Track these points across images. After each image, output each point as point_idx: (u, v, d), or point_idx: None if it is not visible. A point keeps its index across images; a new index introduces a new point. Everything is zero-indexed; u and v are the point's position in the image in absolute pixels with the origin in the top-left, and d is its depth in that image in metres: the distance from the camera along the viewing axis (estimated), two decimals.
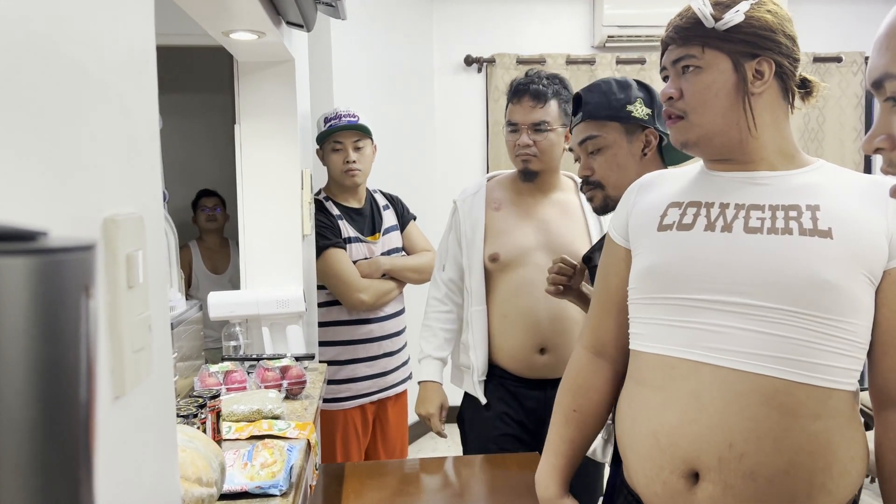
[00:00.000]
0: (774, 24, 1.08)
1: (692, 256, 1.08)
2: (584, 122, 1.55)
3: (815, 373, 1.00)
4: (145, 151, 0.71)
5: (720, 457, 1.01)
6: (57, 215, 0.52)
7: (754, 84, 1.07)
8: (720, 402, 1.01)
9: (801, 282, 0.99)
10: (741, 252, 1.04)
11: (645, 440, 1.08)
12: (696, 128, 1.10)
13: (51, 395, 0.27)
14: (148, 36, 0.73)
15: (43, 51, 0.50)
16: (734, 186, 1.10)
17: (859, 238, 1.00)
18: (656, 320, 1.11)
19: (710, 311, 1.04)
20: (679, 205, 1.13)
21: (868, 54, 4.24)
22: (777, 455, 0.99)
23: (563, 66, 4.22)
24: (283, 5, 1.70)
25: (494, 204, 2.00)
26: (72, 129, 0.54)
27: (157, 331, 0.69)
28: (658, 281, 1.11)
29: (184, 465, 1.01)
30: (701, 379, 1.03)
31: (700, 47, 1.08)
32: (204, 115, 3.81)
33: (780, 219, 1.04)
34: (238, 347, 2.05)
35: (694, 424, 1.03)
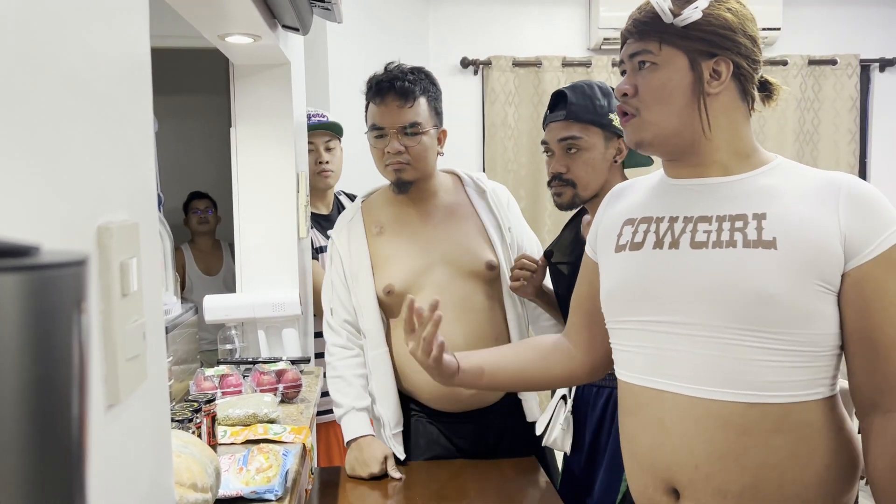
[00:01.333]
0: (734, 23, 1.04)
1: (644, 276, 1.07)
2: (567, 121, 1.57)
3: (767, 391, 0.99)
4: (140, 158, 0.71)
5: (689, 477, 1.04)
6: (50, 223, 0.52)
7: (711, 84, 1.04)
8: (681, 428, 1.03)
9: (746, 297, 0.97)
10: (687, 269, 1.03)
11: (630, 461, 1.14)
12: (650, 126, 1.07)
13: (42, 412, 0.27)
14: (142, 43, 0.73)
15: (36, 58, 0.50)
16: (686, 196, 1.09)
17: (807, 245, 0.97)
18: (621, 346, 1.13)
19: (663, 335, 1.05)
20: (632, 222, 1.13)
21: (863, 57, 4.26)
22: (741, 472, 1.00)
23: (558, 69, 4.22)
24: (278, 9, 1.70)
25: (375, 228, 1.77)
26: (65, 137, 0.54)
27: (151, 338, 0.69)
28: (616, 305, 1.12)
29: (179, 470, 1.01)
30: (663, 406, 1.05)
31: (657, 43, 1.05)
32: (200, 117, 3.81)
33: (725, 231, 1.02)
34: (234, 351, 2.05)
35: (663, 448, 1.06)
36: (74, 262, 0.29)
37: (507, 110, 4.25)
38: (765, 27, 4.06)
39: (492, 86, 4.23)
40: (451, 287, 1.70)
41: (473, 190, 1.85)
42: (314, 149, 2.34)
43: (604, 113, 1.56)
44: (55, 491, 0.28)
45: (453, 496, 1.61)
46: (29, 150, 0.49)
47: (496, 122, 4.25)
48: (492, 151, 4.27)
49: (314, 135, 2.34)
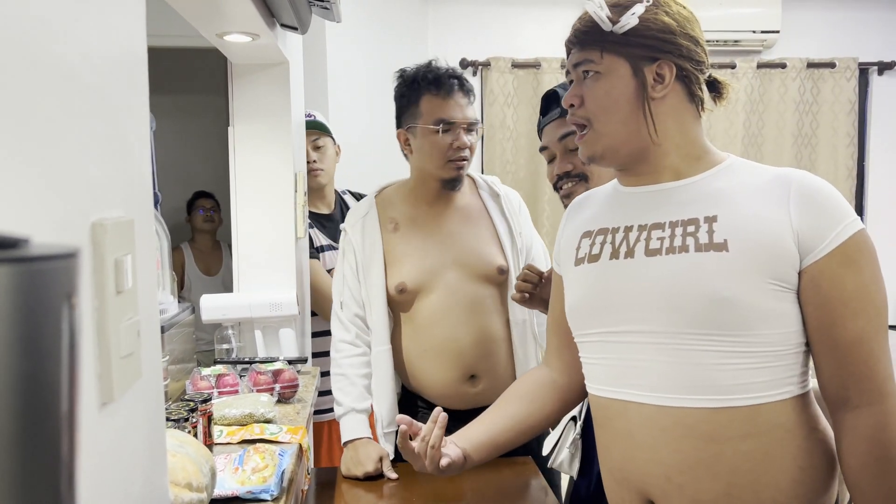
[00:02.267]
0: (673, 27, 1.03)
1: (602, 287, 1.07)
2: (562, 119, 1.48)
3: (731, 394, 0.97)
4: (135, 155, 0.71)
5: (663, 489, 1.03)
6: (43, 220, 0.51)
7: (655, 89, 1.03)
8: (650, 439, 1.02)
9: (701, 302, 0.97)
10: (643, 277, 1.02)
11: (606, 476, 1.13)
12: (601, 138, 1.06)
13: (30, 407, 0.27)
14: (139, 39, 0.72)
15: (31, 53, 0.49)
16: (639, 204, 1.08)
17: (759, 245, 0.96)
18: (587, 359, 1.13)
19: (625, 345, 1.04)
20: (590, 234, 1.12)
21: (862, 60, 4.26)
22: (714, 481, 0.99)
23: (557, 70, 4.22)
24: (277, 8, 1.69)
25: (390, 224, 1.76)
26: (59, 133, 0.54)
27: (146, 336, 0.68)
28: (579, 319, 1.12)
29: (174, 469, 1.00)
30: (630, 417, 1.04)
31: (598, 52, 1.04)
32: (198, 116, 3.80)
33: (678, 236, 1.01)
34: (230, 350, 2.04)
35: (634, 461, 1.05)
36: (64, 254, 0.29)
37: (505, 112, 4.25)
38: (764, 30, 4.06)
39: (491, 87, 4.23)
40: (462, 289, 1.71)
41: (487, 193, 1.84)
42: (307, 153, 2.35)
43: None
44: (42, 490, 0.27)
45: (450, 496, 1.61)
46: (23, 145, 0.48)
47: (495, 123, 4.25)
48: (490, 153, 4.27)
49: None
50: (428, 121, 1.68)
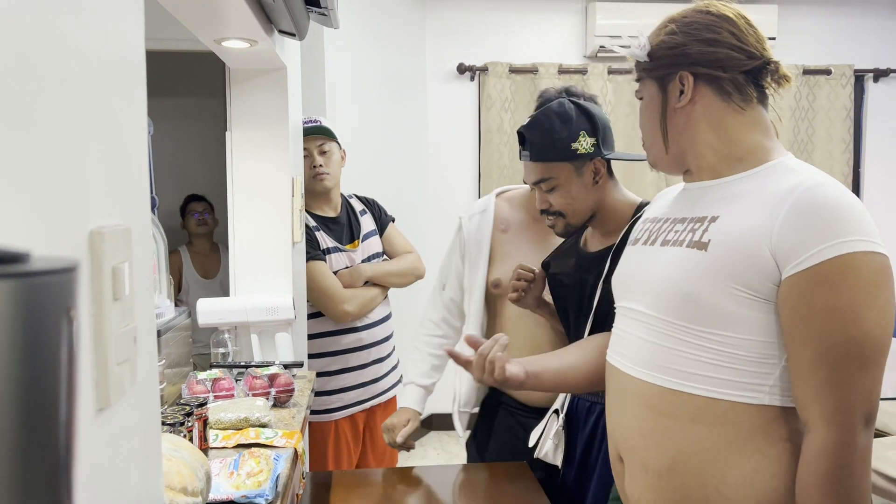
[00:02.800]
0: (678, 40, 1.12)
1: (627, 268, 1.21)
2: (533, 163, 1.54)
3: (685, 380, 1.04)
4: (133, 162, 0.72)
5: (624, 448, 1.15)
6: (41, 228, 0.52)
7: (679, 100, 1.11)
8: (619, 402, 1.15)
9: (670, 292, 1.05)
10: (646, 263, 1.14)
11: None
12: (649, 150, 1.20)
13: (29, 418, 0.27)
14: (137, 45, 0.73)
15: (28, 60, 0.50)
16: (683, 199, 1.17)
17: (734, 251, 0.98)
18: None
19: (625, 319, 1.17)
20: (645, 221, 1.25)
21: (858, 67, 4.29)
22: (661, 452, 1.07)
23: (555, 76, 4.24)
24: (275, 14, 1.70)
25: (502, 225, 1.90)
26: (57, 140, 0.55)
27: (142, 342, 0.69)
28: (613, 292, 1.26)
29: (169, 474, 1.01)
30: (611, 380, 1.19)
31: (640, 80, 1.18)
32: (196, 119, 3.81)
33: (685, 231, 1.09)
34: (226, 354, 2.05)
35: (610, 420, 1.20)
36: (64, 268, 0.30)
37: (503, 116, 4.26)
38: None
39: (488, 92, 4.24)
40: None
41: None
42: (308, 153, 2.36)
43: (565, 146, 1.50)
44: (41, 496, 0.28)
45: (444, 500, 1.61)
46: (20, 153, 0.49)
47: (492, 127, 4.26)
48: (487, 157, 4.28)
49: (307, 139, 2.36)
50: None
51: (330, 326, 2.36)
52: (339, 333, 2.36)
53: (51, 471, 0.29)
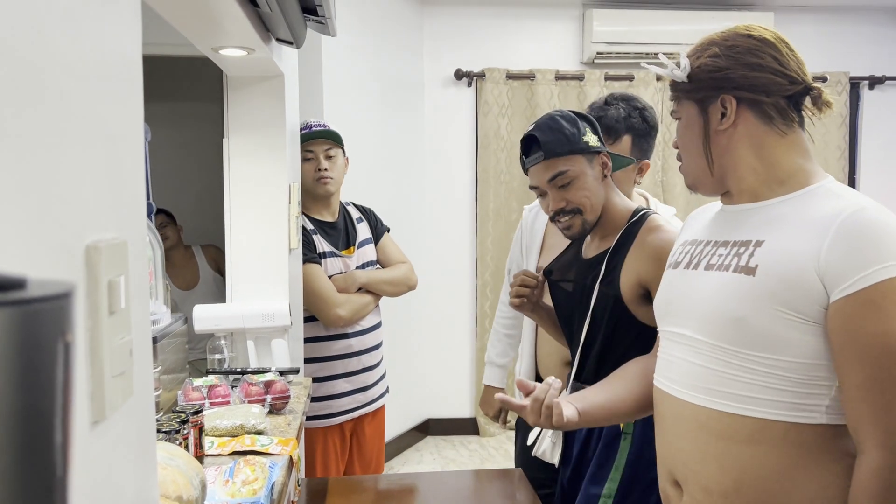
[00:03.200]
0: (720, 64, 1.12)
1: (672, 292, 1.20)
2: (546, 161, 1.56)
3: (739, 403, 1.04)
4: (129, 174, 0.72)
5: (683, 473, 1.13)
6: (37, 244, 0.52)
7: (721, 122, 1.12)
8: (673, 427, 1.14)
9: (720, 317, 1.06)
10: (693, 288, 1.13)
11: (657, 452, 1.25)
12: (687, 172, 1.21)
13: (25, 444, 0.28)
14: (135, 58, 0.74)
15: (24, 75, 0.51)
16: (723, 222, 1.17)
17: (782, 276, 1.00)
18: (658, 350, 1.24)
19: (672, 343, 1.17)
20: (684, 244, 1.24)
21: (853, 74, 4.31)
22: (722, 474, 1.07)
23: (552, 82, 4.25)
24: (272, 23, 1.71)
25: None
26: (54, 156, 0.55)
27: (138, 354, 0.69)
28: (657, 315, 1.25)
29: (164, 483, 1.01)
30: (663, 405, 1.17)
31: (677, 100, 1.19)
32: (192, 123, 3.81)
33: (730, 255, 1.09)
34: (222, 361, 2.05)
35: (663, 445, 1.18)
36: (60, 294, 0.30)
37: (500, 122, 4.28)
38: None
39: (485, 98, 4.25)
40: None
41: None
42: (314, 157, 2.36)
43: (576, 139, 1.56)
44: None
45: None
46: (17, 168, 0.49)
47: (489, 133, 4.28)
48: (484, 162, 4.29)
49: (314, 143, 2.36)
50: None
51: (321, 331, 2.36)
52: (330, 339, 2.36)
53: (46, 493, 0.30)
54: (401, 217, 4.01)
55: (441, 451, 4.20)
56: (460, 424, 4.37)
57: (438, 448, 4.24)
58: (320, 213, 2.42)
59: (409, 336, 4.13)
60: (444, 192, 4.35)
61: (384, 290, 2.47)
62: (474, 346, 4.38)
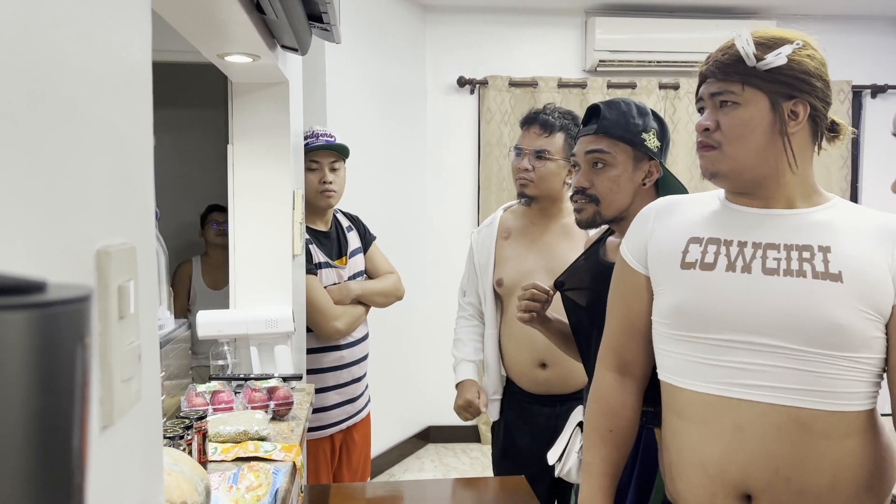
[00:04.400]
0: (813, 69, 1.13)
1: (717, 297, 1.14)
2: (596, 135, 1.53)
3: (838, 400, 1.08)
4: (138, 180, 0.72)
5: (769, 481, 1.10)
6: (50, 248, 0.53)
7: (789, 124, 1.12)
8: (761, 433, 1.10)
9: (817, 325, 1.07)
10: (761, 294, 1.11)
11: (693, 470, 1.16)
12: (728, 160, 1.14)
13: (45, 445, 0.28)
14: (144, 65, 0.74)
15: (35, 81, 0.51)
16: (752, 223, 1.16)
17: (865, 280, 1.06)
18: (688, 357, 1.17)
19: (739, 350, 1.12)
20: (699, 241, 1.18)
21: (855, 83, 4.31)
22: (821, 474, 1.09)
23: (554, 90, 4.26)
24: (277, 30, 1.72)
25: (504, 233, 2.15)
26: (65, 163, 0.55)
27: (146, 359, 0.70)
28: (686, 320, 1.17)
29: (169, 488, 1.01)
30: (741, 414, 1.11)
31: (740, 84, 1.12)
32: (196, 130, 3.82)
33: (794, 260, 1.10)
34: (226, 367, 2.05)
35: (740, 454, 1.11)
36: (79, 298, 0.30)
37: (502, 129, 4.28)
38: None
39: (488, 105, 4.26)
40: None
41: None
42: (319, 168, 2.35)
43: (636, 131, 1.52)
44: None
45: None
46: (29, 174, 0.50)
47: (491, 140, 4.28)
48: (487, 170, 4.29)
49: (320, 154, 2.35)
50: (512, 148, 2.14)
51: (313, 343, 2.35)
52: (322, 351, 2.35)
53: (65, 496, 0.30)
54: (402, 225, 4.01)
55: (442, 458, 4.18)
56: (461, 432, 4.35)
57: (440, 455, 4.23)
58: (314, 222, 2.41)
59: (410, 344, 4.12)
60: (446, 200, 4.35)
61: (376, 302, 2.46)
62: None
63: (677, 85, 4.31)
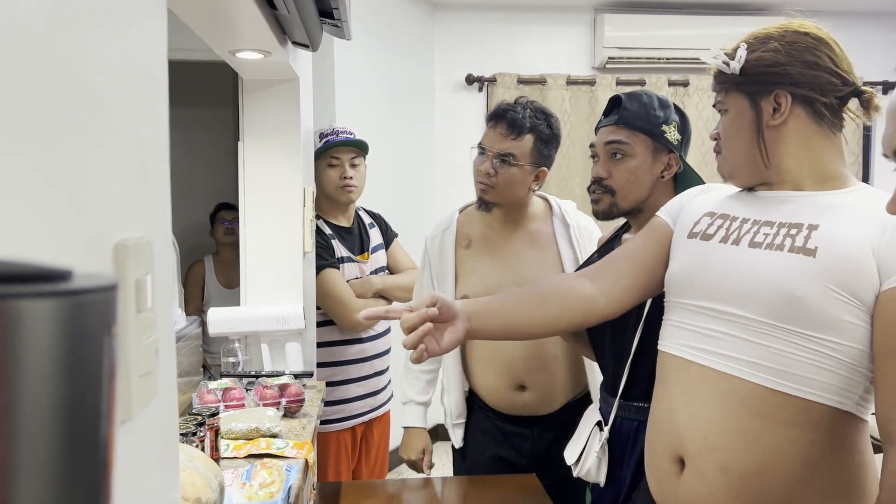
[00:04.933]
0: (780, 59, 1.12)
1: (703, 266, 1.17)
2: (616, 126, 1.53)
3: (788, 381, 1.04)
4: (155, 175, 0.72)
5: (698, 447, 1.10)
6: (69, 241, 0.52)
7: (773, 117, 1.13)
8: (701, 398, 1.11)
9: (776, 296, 1.05)
10: (738, 265, 1.12)
11: (651, 427, 1.22)
12: (727, 162, 1.21)
13: (74, 436, 0.28)
14: (161, 58, 0.74)
15: (60, 77, 0.51)
16: (760, 203, 1.17)
17: (844, 261, 1.02)
18: (670, 321, 1.22)
19: (706, 317, 1.14)
20: (712, 215, 1.22)
21: (867, 80, 4.28)
22: (750, 454, 1.05)
23: (563, 87, 4.25)
24: (289, 26, 1.71)
25: (464, 241, 1.94)
26: (84, 156, 0.55)
27: (163, 354, 0.69)
28: (677, 286, 1.22)
29: (183, 485, 1.01)
30: (690, 376, 1.14)
31: (724, 92, 1.19)
32: (204, 128, 3.82)
33: (780, 235, 1.09)
34: (237, 364, 2.05)
35: (678, 413, 1.14)
36: (107, 287, 0.30)
37: None
38: None
39: (496, 103, 4.24)
40: None
41: (560, 221, 1.92)
42: (339, 164, 2.38)
43: (657, 123, 1.51)
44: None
45: None
46: (50, 167, 0.49)
47: None
48: None
49: (340, 150, 2.39)
50: (476, 145, 1.91)
51: (336, 336, 2.37)
52: (344, 344, 2.38)
53: (92, 489, 0.29)
54: (411, 222, 4.00)
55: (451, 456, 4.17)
56: None
57: (449, 454, 4.21)
58: (337, 217, 2.44)
59: None
60: (454, 197, 4.32)
61: (397, 296, 2.48)
62: None
63: (687, 82, 4.29)
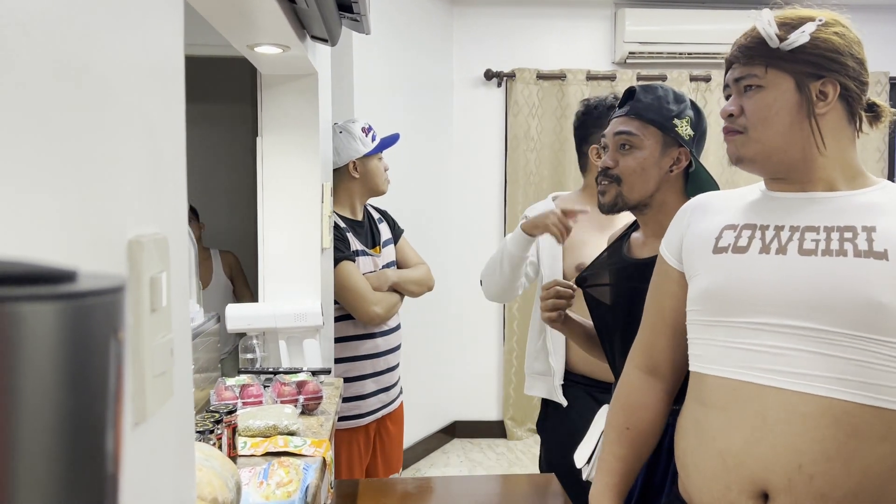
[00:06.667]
0: (841, 46, 1.07)
1: (748, 279, 1.08)
2: (628, 117, 1.52)
3: (879, 394, 0.98)
4: (171, 171, 0.71)
5: (790, 478, 1.01)
6: (82, 237, 0.51)
7: (817, 105, 1.07)
8: (786, 424, 1.01)
9: (857, 305, 0.98)
10: (796, 275, 1.04)
11: (711, 460, 1.09)
12: (754, 144, 1.10)
13: (77, 447, 0.26)
14: (177, 53, 0.72)
15: (72, 71, 0.49)
16: (790, 208, 1.10)
17: None
18: (716, 342, 1.11)
19: (768, 334, 1.05)
20: (734, 227, 1.14)
21: (893, 74, 4.20)
22: (847, 477, 0.99)
23: (583, 82, 4.21)
24: (308, 20, 1.70)
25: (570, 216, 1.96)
26: (98, 150, 0.54)
27: (178, 353, 0.68)
28: (715, 303, 1.12)
29: (200, 484, 1.00)
30: (765, 401, 1.03)
31: (763, 67, 1.09)
32: (221, 124, 3.82)
33: (834, 240, 1.03)
34: (254, 360, 2.04)
35: (761, 445, 1.03)
36: (112, 288, 0.28)
37: (530, 122, 4.24)
38: None
39: (515, 98, 4.22)
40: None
41: None
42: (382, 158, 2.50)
43: (668, 116, 1.50)
44: None
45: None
46: (62, 162, 0.48)
47: (519, 133, 4.24)
48: (514, 163, 4.26)
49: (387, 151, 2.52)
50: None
51: (350, 331, 2.37)
52: (359, 339, 2.38)
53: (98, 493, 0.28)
54: (429, 217, 3.99)
55: (468, 453, 4.16)
56: (487, 427, 4.33)
57: (465, 451, 4.21)
58: (347, 212, 2.45)
59: (437, 337, 4.10)
60: (472, 193, 4.32)
61: (410, 290, 2.50)
62: (502, 349, 4.34)
63: (709, 77, 4.23)
